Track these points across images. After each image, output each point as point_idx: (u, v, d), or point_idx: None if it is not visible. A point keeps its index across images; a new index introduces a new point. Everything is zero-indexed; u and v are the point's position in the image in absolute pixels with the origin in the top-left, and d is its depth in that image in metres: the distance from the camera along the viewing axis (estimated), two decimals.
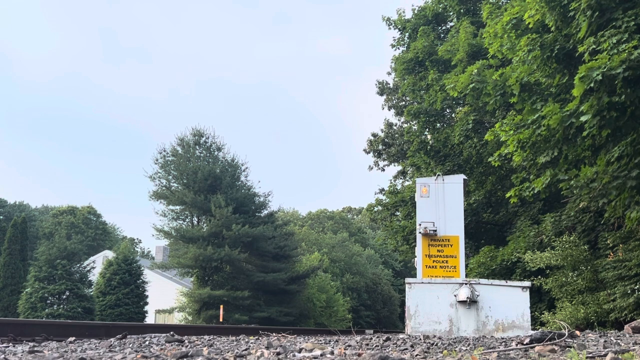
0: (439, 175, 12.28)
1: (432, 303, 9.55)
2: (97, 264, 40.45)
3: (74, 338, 6.61)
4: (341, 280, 50.28)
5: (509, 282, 10.10)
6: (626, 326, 7.74)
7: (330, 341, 6.45)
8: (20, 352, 4.38)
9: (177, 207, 34.85)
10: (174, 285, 42.68)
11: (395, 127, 36.35)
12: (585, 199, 12.92)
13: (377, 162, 36.87)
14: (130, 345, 5.34)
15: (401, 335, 8.12)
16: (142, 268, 36.77)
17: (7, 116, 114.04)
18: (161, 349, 4.62)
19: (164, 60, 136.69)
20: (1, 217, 61.50)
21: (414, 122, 26.63)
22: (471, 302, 9.34)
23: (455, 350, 4.60)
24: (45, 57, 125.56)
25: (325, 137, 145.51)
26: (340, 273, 51.90)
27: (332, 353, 3.92)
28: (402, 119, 34.23)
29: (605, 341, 5.51)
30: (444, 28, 27.66)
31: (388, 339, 6.47)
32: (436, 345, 5.56)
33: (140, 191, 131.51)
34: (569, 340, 5.24)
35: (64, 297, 32.84)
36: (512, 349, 4.40)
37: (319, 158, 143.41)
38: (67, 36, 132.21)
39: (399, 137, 34.96)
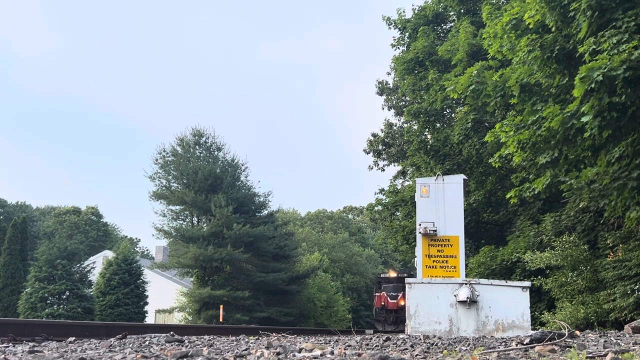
0: (439, 175, 12.30)
1: (432, 303, 9.56)
2: (97, 264, 40.41)
3: (74, 338, 6.61)
4: (341, 280, 50.31)
5: (509, 282, 10.11)
6: (626, 326, 7.74)
7: (330, 341, 6.45)
8: (20, 352, 4.38)
9: (177, 207, 34.89)
10: (174, 285, 42.66)
11: (395, 127, 36.34)
12: (585, 199, 12.92)
13: (376, 162, 36.88)
14: (130, 345, 5.33)
15: (401, 335, 8.13)
16: (142, 268, 36.76)
17: (8, 116, 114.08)
18: (161, 349, 4.62)
19: (165, 60, 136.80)
20: (1, 217, 61.45)
21: (414, 122, 26.66)
22: (471, 302, 9.34)
23: (455, 350, 4.60)
24: (47, 57, 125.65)
25: (325, 137, 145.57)
26: (340, 273, 51.93)
27: (332, 353, 3.92)
28: (402, 119, 34.24)
29: (605, 341, 5.51)
30: (444, 28, 27.67)
31: (388, 339, 6.47)
32: (436, 345, 5.56)
33: (140, 191, 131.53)
34: (569, 340, 5.24)
35: (64, 297, 32.81)
36: (512, 349, 4.40)
37: (319, 158, 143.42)
38: (70, 36, 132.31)
39: (399, 137, 34.95)
